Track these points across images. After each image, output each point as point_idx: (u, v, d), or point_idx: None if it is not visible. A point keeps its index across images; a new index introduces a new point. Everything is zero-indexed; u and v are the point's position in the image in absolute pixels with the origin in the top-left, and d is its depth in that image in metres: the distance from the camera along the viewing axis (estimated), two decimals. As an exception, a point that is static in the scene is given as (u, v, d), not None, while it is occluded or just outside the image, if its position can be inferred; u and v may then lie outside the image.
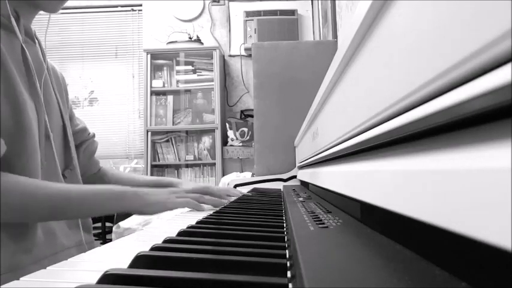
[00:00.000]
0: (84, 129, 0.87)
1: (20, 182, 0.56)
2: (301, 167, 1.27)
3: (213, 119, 2.99)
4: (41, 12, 0.71)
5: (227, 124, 2.95)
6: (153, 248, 0.34)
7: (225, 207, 0.71)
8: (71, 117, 0.84)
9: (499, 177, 0.13)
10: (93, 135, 0.90)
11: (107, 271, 0.25)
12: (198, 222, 0.50)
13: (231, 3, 3.19)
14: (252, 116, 2.79)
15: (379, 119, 0.28)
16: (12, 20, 0.62)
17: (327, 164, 0.65)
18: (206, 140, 3.04)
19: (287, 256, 0.31)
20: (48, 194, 0.58)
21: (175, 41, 3.04)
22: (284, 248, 0.34)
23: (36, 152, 0.61)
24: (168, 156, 3.05)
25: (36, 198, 0.57)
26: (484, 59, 0.14)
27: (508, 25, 0.12)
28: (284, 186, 1.30)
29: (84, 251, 0.38)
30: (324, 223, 0.39)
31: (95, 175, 0.90)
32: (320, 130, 0.68)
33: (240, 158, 2.92)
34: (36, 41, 0.73)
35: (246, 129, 2.91)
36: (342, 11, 1.90)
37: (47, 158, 0.66)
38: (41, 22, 0.75)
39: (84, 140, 0.86)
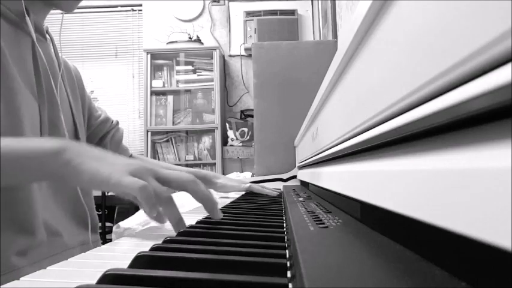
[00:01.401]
0: (107, 119, 0.87)
1: None
2: (301, 167, 1.27)
3: (213, 119, 2.99)
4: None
5: (227, 124, 2.95)
6: (153, 248, 0.34)
7: (225, 207, 0.71)
8: (92, 109, 0.84)
9: (499, 177, 0.13)
10: (117, 123, 0.90)
11: (107, 271, 0.25)
12: (198, 222, 0.50)
13: (231, 3, 3.19)
14: (252, 116, 2.79)
15: (379, 119, 0.28)
16: (27, 17, 0.62)
17: (327, 164, 0.65)
18: (206, 140, 3.04)
19: (287, 256, 0.31)
20: None
21: (175, 41, 3.04)
22: (284, 248, 0.34)
23: None
24: (168, 156, 3.05)
25: None
26: (484, 59, 0.14)
27: (508, 25, 0.12)
28: (284, 186, 1.30)
29: (85, 251, 0.38)
30: (324, 223, 0.39)
31: None
32: (320, 130, 0.68)
33: (240, 158, 2.92)
34: (49, 37, 0.73)
35: (246, 129, 2.91)
36: (342, 11, 1.90)
37: None
38: (47, 20, 0.74)
39: (108, 130, 0.86)
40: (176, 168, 0.86)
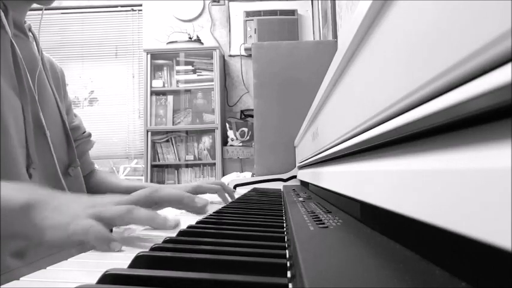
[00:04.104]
0: (78, 128, 0.84)
1: None
2: (301, 167, 1.27)
3: (213, 119, 2.99)
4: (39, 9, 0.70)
5: (227, 124, 2.95)
6: (153, 248, 0.34)
7: (225, 207, 0.70)
8: (68, 112, 0.82)
9: (499, 177, 0.13)
10: (88, 135, 0.87)
11: (106, 271, 0.25)
12: (198, 222, 0.50)
13: (231, 3, 3.19)
14: (252, 116, 2.79)
15: (379, 119, 0.28)
16: (1, 14, 0.61)
17: (327, 164, 0.65)
18: (206, 140, 3.04)
19: (287, 256, 0.31)
20: None
21: (175, 41, 3.04)
22: (284, 248, 0.34)
23: (12, 152, 0.58)
24: (168, 156, 3.05)
25: None
26: (484, 59, 0.14)
27: (508, 25, 0.12)
28: (284, 186, 1.30)
29: (85, 251, 0.38)
30: (324, 223, 0.39)
31: (84, 177, 0.84)
32: (320, 130, 0.68)
33: (240, 158, 2.91)
34: (31, 35, 0.72)
35: (246, 129, 2.91)
36: (342, 11, 1.90)
37: (44, 156, 0.65)
38: (37, 19, 0.74)
39: (75, 139, 0.83)
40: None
